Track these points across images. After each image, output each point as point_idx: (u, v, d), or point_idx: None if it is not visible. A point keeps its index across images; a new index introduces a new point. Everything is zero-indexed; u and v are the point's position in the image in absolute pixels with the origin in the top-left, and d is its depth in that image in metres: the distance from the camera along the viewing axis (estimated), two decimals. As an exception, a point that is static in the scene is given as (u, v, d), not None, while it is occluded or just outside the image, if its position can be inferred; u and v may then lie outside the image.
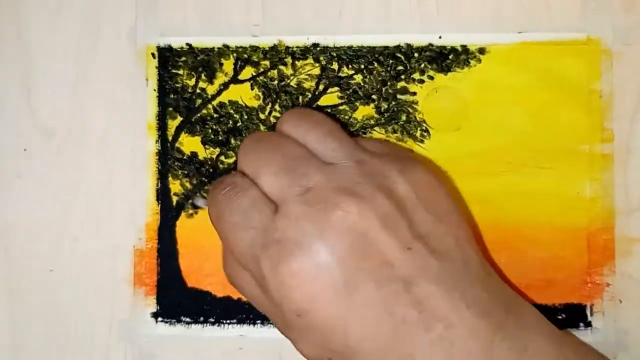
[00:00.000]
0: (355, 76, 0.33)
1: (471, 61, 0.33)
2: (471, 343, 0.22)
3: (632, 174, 0.32)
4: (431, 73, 0.33)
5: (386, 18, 0.34)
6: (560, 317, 0.32)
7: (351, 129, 0.33)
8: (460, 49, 0.33)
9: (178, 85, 0.33)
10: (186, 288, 0.33)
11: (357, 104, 0.33)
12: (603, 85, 0.32)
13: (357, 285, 0.22)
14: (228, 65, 0.33)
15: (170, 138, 0.33)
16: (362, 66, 0.33)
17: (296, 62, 0.33)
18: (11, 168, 0.34)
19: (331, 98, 0.33)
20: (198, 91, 0.33)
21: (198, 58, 0.33)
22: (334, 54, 0.33)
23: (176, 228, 0.33)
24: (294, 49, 0.33)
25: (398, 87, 0.33)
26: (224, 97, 0.33)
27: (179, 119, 0.33)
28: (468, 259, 0.25)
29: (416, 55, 0.33)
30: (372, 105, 0.33)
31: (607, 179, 0.32)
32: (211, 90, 0.33)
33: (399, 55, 0.33)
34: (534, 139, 0.33)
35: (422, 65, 0.33)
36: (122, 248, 0.33)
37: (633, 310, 0.32)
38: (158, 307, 0.33)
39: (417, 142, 0.33)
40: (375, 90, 0.33)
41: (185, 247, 0.33)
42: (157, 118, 0.34)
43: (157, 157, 0.33)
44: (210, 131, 0.33)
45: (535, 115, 0.33)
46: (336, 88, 0.33)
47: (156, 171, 0.33)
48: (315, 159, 0.25)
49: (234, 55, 0.33)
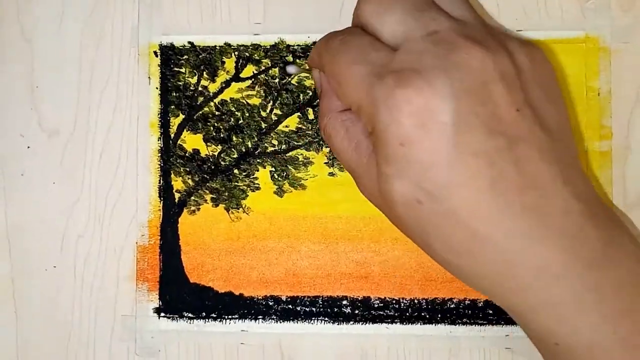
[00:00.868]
0: (355, 74, 0.33)
1: (470, 59, 0.33)
2: (563, 220, 0.22)
3: (630, 171, 0.32)
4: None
5: (386, 16, 0.34)
6: (558, 313, 0.32)
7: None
8: (459, 47, 0.33)
9: (180, 83, 0.34)
10: (188, 284, 0.33)
11: (358, 102, 0.33)
12: (601, 83, 0.32)
13: (467, 126, 0.21)
14: (230, 63, 0.34)
15: (172, 135, 0.34)
16: (363, 64, 0.33)
17: (297, 60, 0.33)
18: (15, 166, 0.34)
19: (332, 96, 0.34)
20: (200, 89, 0.34)
21: (200, 56, 0.34)
22: (335, 52, 0.34)
23: (178, 224, 0.33)
24: (295, 47, 0.34)
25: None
26: (226, 95, 0.34)
27: (181, 117, 0.34)
28: (569, 145, 0.24)
29: (416, 53, 0.33)
30: (373, 103, 0.33)
31: (606, 176, 0.32)
32: (213, 88, 0.34)
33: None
34: (533, 136, 0.33)
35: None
36: (125, 244, 0.34)
37: (631, 305, 0.32)
38: (161, 303, 0.33)
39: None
40: (375, 88, 0.33)
41: (187, 244, 0.33)
42: (160, 116, 0.34)
43: (160, 155, 0.34)
44: (212, 129, 0.34)
45: (534, 112, 0.33)
46: (337, 86, 0.34)
47: (158, 168, 0.34)
48: (443, 11, 0.24)
49: (236, 53, 0.34)
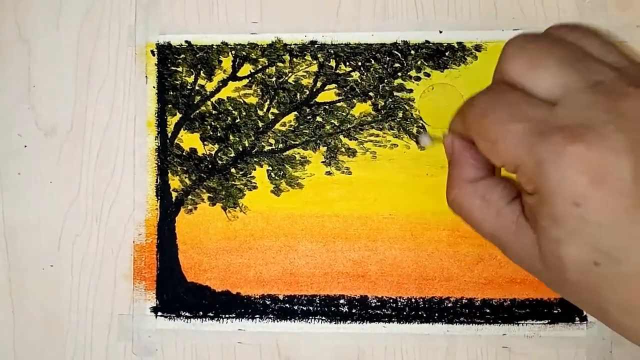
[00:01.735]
0: (352, 73, 0.34)
1: (467, 58, 0.33)
2: None
3: None
4: (427, 70, 0.33)
5: (383, 16, 0.34)
6: (556, 311, 0.33)
7: (348, 126, 0.34)
8: (456, 46, 0.33)
9: (177, 82, 0.34)
10: (185, 283, 0.33)
11: (355, 101, 0.34)
12: (598, 81, 0.32)
13: None
14: (227, 62, 0.34)
15: (169, 135, 0.34)
16: (360, 63, 0.34)
17: (294, 59, 0.34)
18: (12, 165, 0.34)
19: (329, 95, 0.34)
20: (197, 88, 0.34)
21: (197, 55, 0.34)
22: (332, 51, 0.34)
23: (175, 224, 0.33)
24: (292, 46, 0.34)
25: (395, 84, 0.33)
26: (223, 94, 0.34)
27: (178, 116, 0.34)
28: None
29: (413, 52, 0.33)
30: (369, 102, 0.33)
31: (602, 175, 0.32)
32: (210, 87, 0.34)
33: (396, 52, 0.33)
34: (530, 135, 0.33)
35: (419, 62, 0.33)
36: (122, 244, 0.34)
37: (628, 304, 0.32)
38: (158, 302, 0.33)
39: (414, 139, 0.33)
40: (372, 87, 0.34)
41: (184, 243, 0.33)
42: (157, 115, 0.34)
43: (157, 154, 0.34)
44: (209, 128, 0.34)
45: (531, 111, 0.33)
46: (334, 85, 0.34)
47: (156, 167, 0.34)
48: (600, 59, 0.22)
49: (233, 52, 0.34)
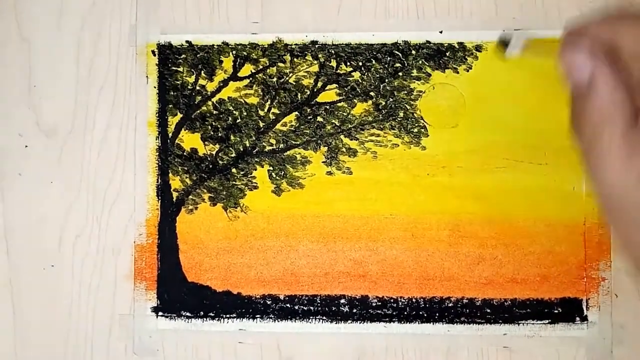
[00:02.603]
0: (353, 73, 0.34)
1: (468, 58, 0.33)
2: None
3: None
4: (428, 70, 0.33)
5: (384, 16, 0.34)
6: (556, 311, 0.33)
7: (349, 126, 0.34)
8: (457, 46, 0.33)
9: (178, 82, 0.34)
10: (186, 283, 0.33)
11: (355, 101, 0.34)
12: (598, 81, 0.32)
13: None
14: (227, 62, 0.34)
15: (170, 135, 0.34)
16: (360, 63, 0.34)
17: (295, 60, 0.34)
18: (13, 166, 0.34)
19: (329, 95, 0.34)
20: (198, 88, 0.34)
21: (198, 55, 0.34)
22: (333, 51, 0.34)
23: (176, 224, 0.33)
24: (293, 47, 0.34)
25: (396, 84, 0.33)
26: (224, 94, 0.34)
27: (179, 116, 0.34)
28: None
29: (414, 52, 0.33)
30: (370, 102, 0.34)
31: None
32: (211, 87, 0.34)
33: (397, 52, 0.34)
34: (530, 136, 0.33)
35: (420, 62, 0.33)
36: (123, 244, 0.34)
37: (629, 304, 0.32)
38: (158, 302, 0.33)
39: (415, 139, 0.33)
40: (373, 87, 0.34)
41: (185, 243, 0.33)
42: (157, 115, 0.34)
43: (158, 154, 0.34)
44: (210, 128, 0.34)
45: (531, 111, 0.33)
46: (334, 85, 0.34)
47: (156, 167, 0.34)
48: None
49: (234, 52, 0.34)
